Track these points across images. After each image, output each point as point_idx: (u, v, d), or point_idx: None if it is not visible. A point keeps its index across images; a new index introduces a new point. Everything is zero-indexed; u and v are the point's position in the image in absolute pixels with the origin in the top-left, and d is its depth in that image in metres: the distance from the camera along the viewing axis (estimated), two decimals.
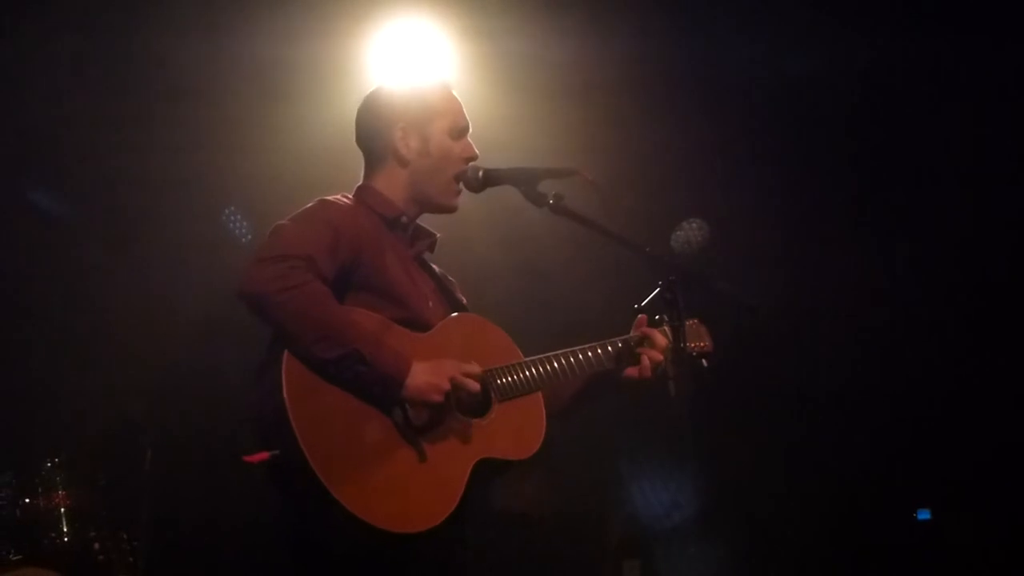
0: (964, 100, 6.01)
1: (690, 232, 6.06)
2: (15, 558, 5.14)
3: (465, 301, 3.66)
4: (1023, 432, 6.11)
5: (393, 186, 3.50)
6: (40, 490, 5.39)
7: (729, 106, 6.13)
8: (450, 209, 3.56)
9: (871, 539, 6.36)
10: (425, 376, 3.14)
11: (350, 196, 3.50)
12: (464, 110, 3.58)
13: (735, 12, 5.93)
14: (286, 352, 3.07)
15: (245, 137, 5.91)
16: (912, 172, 6.27)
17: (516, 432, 3.35)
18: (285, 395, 3.01)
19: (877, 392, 6.35)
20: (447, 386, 3.18)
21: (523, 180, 3.32)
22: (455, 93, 3.60)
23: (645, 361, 3.56)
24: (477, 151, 3.53)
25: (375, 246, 3.35)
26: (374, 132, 3.54)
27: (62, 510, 5.38)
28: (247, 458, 3.05)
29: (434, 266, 3.67)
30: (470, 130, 3.57)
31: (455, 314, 3.49)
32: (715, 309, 3.45)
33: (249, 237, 6.24)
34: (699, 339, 3.74)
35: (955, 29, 5.75)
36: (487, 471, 3.26)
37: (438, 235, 3.64)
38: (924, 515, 6.42)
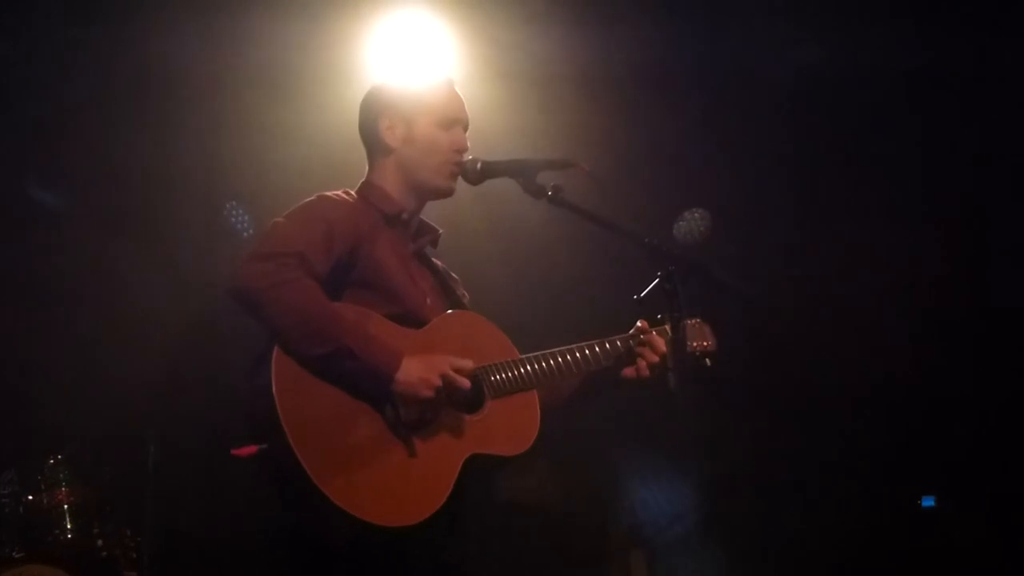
0: (973, 95, 5.96)
1: (693, 222, 6.04)
2: (18, 555, 5.15)
3: (467, 298, 3.64)
4: None
5: (388, 179, 3.50)
6: (43, 487, 5.41)
7: (733, 97, 6.09)
8: (446, 192, 3.52)
9: (880, 530, 6.34)
10: (415, 371, 3.13)
11: (352, 192, 3.48)
12: (463, 106, 3.55)
13: (739, 4, 5.90)
14: (276, 347, 3.08)
15: (247, 131, 5.90)
16: (917, 167, 6.23)
17: (509, 428, 3.33)
18: (274, 391, 3.02)
19: (880, 383, 6.31)
20: (438, 381, 3.16)
21: (521, 172, 3.30)
22: (458, 90, 3.57)
23: (641, 362, 3.53)
24: (468, 144, 3.49)
25: (372, 242, 3.34)
26: (366, 124, 3.55)
27: (65, 507, 5.39)
28: (235, 451, 3.08)
29: (437, 262, 3.65)
30: (467, 125, 3.54)
31: (450, 311, 3.47)
32: (715, 300, 3.42)
33: (251, 232, 6.24)
34: (702, 338, 3.65)
35: (963, 24, 5.72)
36: (480, 466, 3.25)
37: (441, 231, 3.63)
38: (928, 502, 6.39)
